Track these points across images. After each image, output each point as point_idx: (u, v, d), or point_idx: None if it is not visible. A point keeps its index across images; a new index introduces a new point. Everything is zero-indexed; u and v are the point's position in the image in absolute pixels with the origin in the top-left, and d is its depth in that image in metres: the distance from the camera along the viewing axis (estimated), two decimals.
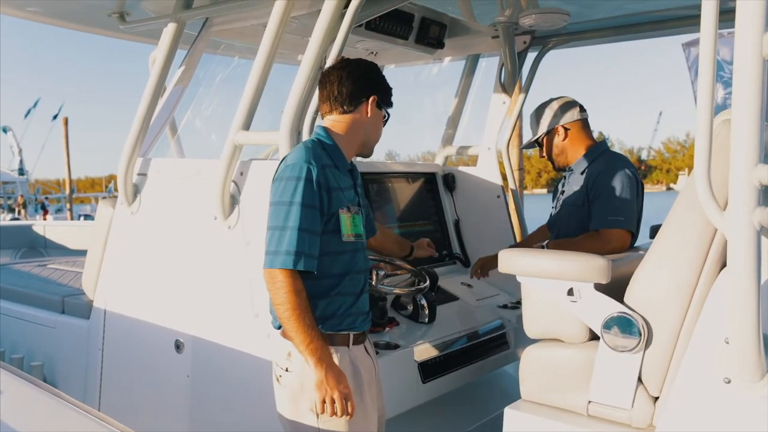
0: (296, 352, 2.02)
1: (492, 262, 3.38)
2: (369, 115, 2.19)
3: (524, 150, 3.30)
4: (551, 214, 3.25)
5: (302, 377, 2.02)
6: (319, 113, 2.31)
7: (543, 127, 3.10)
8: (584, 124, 3.08)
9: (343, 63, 2.21)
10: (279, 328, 2.08)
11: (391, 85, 2.29)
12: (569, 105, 3.08)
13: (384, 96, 2.24)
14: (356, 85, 2.15)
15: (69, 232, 6.75)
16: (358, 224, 2.13)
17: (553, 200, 3.30)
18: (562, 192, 3.14)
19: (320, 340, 1.95)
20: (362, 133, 2.21)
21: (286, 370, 2.05)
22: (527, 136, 3.68)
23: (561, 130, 3.06)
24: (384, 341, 2.65)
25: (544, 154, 3.17)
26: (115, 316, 3.25)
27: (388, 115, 2.29)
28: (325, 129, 2.18)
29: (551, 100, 3.12)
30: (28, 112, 46.68)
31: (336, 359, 2.04)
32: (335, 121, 2.18)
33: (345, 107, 2.16)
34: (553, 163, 3.17)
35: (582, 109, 3.08)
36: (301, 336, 1.93)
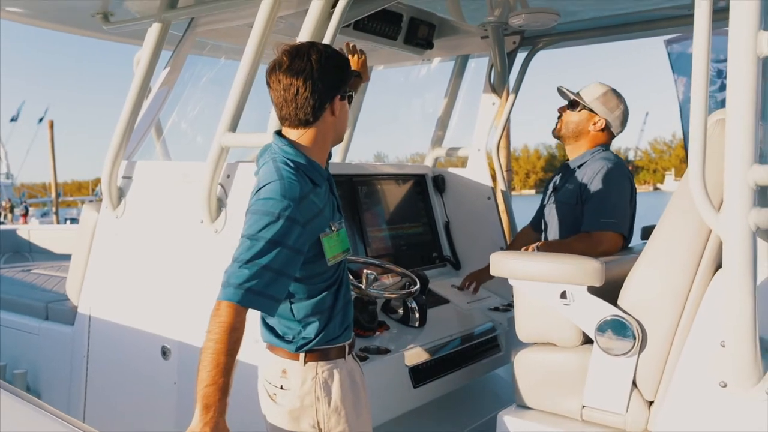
0: (293, 368, 1.95)
1: (483, 275, 3.34)
2: (336, 114, 1.96)
3: (562, 91, 2.98)
4: (541, 211, 3.18)
5: (301, 394, 1.95)
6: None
7: (595, 105, 2.91)
8: (613, 138, 3.00)
9: (295, 72, 1.86)
10: (267, 342, 2.02)
11: (347, 60, 2.00)
12: (625, 118, 2.97)
13: (346, 86, 1.97)
14: (318, 98, 1.89)
15: (54, 237, 6.65)
16: (344, 239, 2.00)
17: (544, 196, 3.24)
18: (555, 189, 3.08)
19: (221, 391, 1.72)
20: (332, 134, 2.00)
21: (281, 388, 1.97)
22: (516, 137, 3.64)
23: (602, 122, 2.91)
24: (374, 346, 2.62)
25: (563, 115, 2.98)
26: (100, 322, 3.19)
27: (353, 94, 2.06)
28: (292, 144, 1.94)
29: (623, 99, 2.96)
30: (17, 116, 45.93)
31: (336, 375, 1.97)
32: (300, 136, 1.95)
33: (310, 121, 1.93)
34: (560, 129, 3.01)
35: (622, 131, 2.99)
36: (205, 374, 1.72)
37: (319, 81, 1.87)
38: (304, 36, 2.44)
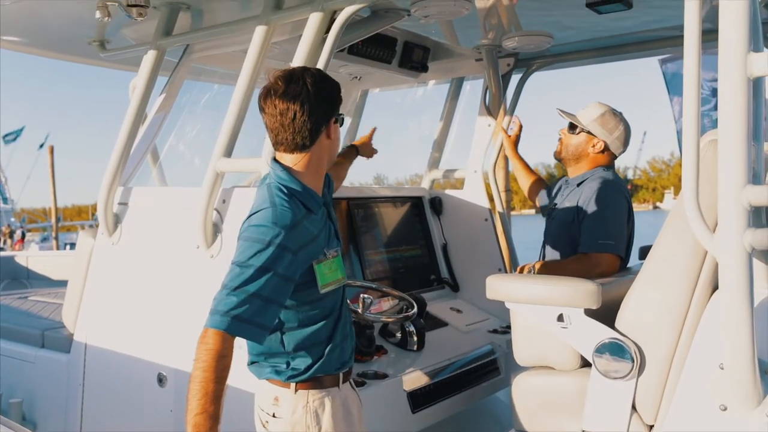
0: (285, 395, 1.93)
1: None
2: (332, 137, 1.96)
3: (560, 111, 3.02)
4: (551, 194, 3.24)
5: (292, 422, 1.92)
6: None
7: (593, 127, 2.92)
8: (615, 158, 3.00)
9: (292, 96, 1.85)
10: (257, 375, 2.00)
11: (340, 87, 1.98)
12: (626, 138, 2.96)
13: (338, 111, 1.97)
14: (315, 122, 1.88)
15: (52, 263, 6.64)
16: (338, 267, 1.97)
17: (548, 200, 3.26)
18: (555, 204, 3.09)
19: (212, 419, 1.69)
20: (327, 157, 1.99)
21: (273, 416, 1.94)
22: None
23: (601, 144, 2.92)
24: (372, 371, 2.59)
25: (563, 138, 3.02)
26: (96, 349, 3.16)
27: (344, 116, 2.06)
28: (287, 170, 1.93)
29: (623, 118, 2.96)
30: (13, 138, 45.73)
31: (328, 404, 1.94)
32: (296, 161, 1.93)
33: (307, 145, 1.91)
34: (560, 152, 3.04)
35: (624, 151, 3.00)
36: (194, 403, 1.69)
37: (316, 105, 1.86)
38: (298, 61, 2.45)
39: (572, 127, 2.98)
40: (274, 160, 1.98)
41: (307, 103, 1.85)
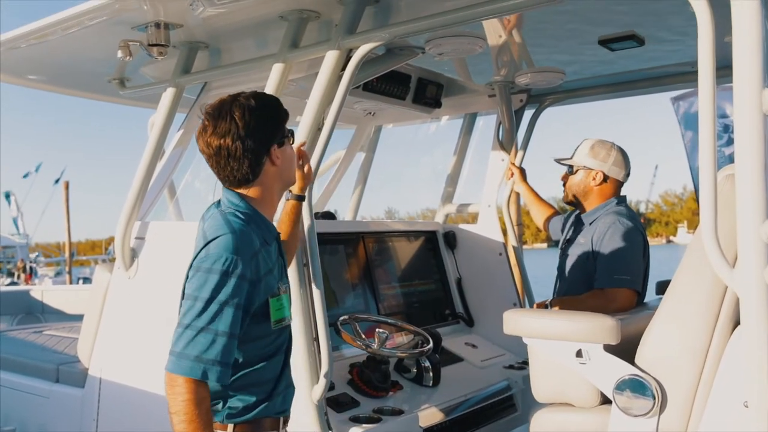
0: None
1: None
2: (278, 163, 1.86)
3: (557, 161, 3.14)
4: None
5: None
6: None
7: (586, 161, 2.99)
8: (620, 185, 3.04)
9: (222, 135, 1.76)
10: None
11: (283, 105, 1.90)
12: (624, 161, 3.01)
13: (282, 133, 1.87)
14: (253, 155, 1.79)
15: (67, 297, 6.67)
16: (286, 304, 1.88)
17: (561, 231, 3.27)
18: (568, 240, 3.09)
19: None
20: (278, 183, 1.90)
21: None
22: None
23: (600, 174, 2.98)
24: (388, 407, 2.57)
25: (567, 181, 3.08)
26: (111, 384, 3.15)
27: (292, 134, 1.95)
28: (240, 196, 1.85)
29: (615, 145, 3.03)
30: (27, 173, 46.72)
31: None
32: (246, 193, 1.86)
33: (250, 179, 1.83)
34: (567, 196, 3.11)
35: (627, 174, 3.03)
36: None
37: (248, 138, 1.77)
38: (314, 98, 2.48)
39: (571, 169, 3.07)
40: (226, 188, 1.90)
41: (239, 139, 1.76)
